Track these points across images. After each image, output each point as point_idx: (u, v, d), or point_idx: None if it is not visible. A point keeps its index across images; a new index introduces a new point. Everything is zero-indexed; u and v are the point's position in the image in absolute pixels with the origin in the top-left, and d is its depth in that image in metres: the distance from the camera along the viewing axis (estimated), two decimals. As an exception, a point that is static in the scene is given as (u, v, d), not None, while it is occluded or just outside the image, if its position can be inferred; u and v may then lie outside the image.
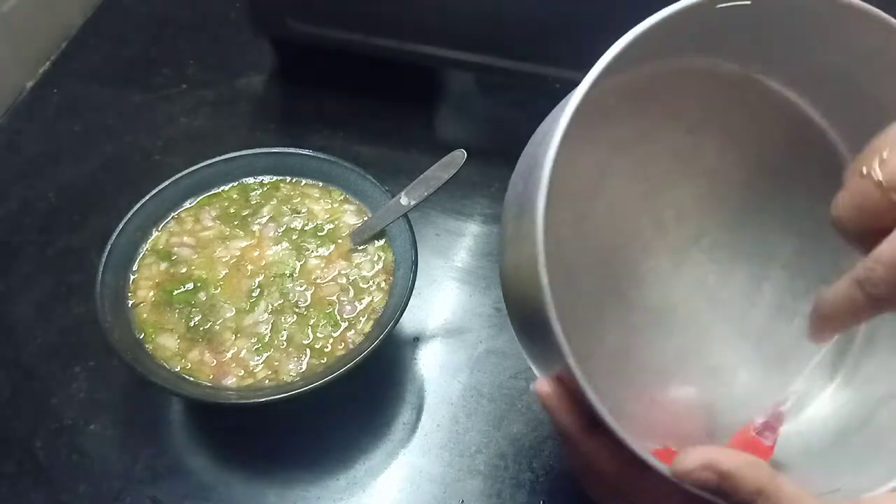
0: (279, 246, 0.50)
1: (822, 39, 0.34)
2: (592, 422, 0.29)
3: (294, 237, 0.51)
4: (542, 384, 0.30)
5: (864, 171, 0.27)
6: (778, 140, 0.39)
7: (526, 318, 0.31)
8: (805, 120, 0.39)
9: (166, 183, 0.50)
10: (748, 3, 0.31)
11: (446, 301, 0.55)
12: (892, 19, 0.32)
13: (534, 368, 0.33)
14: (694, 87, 0.38)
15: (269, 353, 0.45)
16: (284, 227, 0.51)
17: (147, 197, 0.49)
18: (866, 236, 0.28)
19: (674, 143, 0.40)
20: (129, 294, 0.47)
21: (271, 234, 0.51)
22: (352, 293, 0.48)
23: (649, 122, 0.39)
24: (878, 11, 0.32)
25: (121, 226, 0.48)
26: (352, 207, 0.52)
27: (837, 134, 0.39)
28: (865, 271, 0.27)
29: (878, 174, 0.27)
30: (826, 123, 0.39)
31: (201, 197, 0.52)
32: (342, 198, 0.53)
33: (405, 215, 0.48)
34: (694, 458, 0.27)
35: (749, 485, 0.27)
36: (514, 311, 0.34)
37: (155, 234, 0.50)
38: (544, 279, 0.27)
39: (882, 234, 0.27)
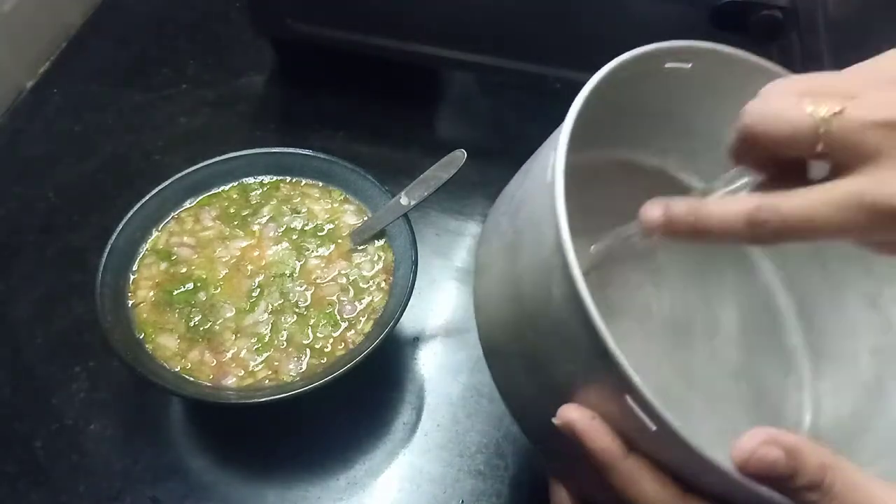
0: (279, 246, 0.50)
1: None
2: (626, 442, 0.28)
3: (294, 237, 0.51)
4: (570, 410, 0.28)
5: (810, 108, 0.26)
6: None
7: (535, 345, 0.30)
8: None
9: (166, 183, 0.50)
10: (689, 66, 0.34)
11: (446, 301, 0.55)
12: None
13: (523, 404, 0.33)
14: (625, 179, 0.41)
15: (269, 353, 0.45)
16: (284, 227, 0.51)
17: (147, 197, 0.49)
18: (759, 154, 0.28)
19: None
20: (129, 294, 0.47)
21: (271, 234, 0.51)
22: (352, 293, 0.48)
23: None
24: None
25: (121, 226, 0.48)
26: (352, 207, 0.52)
27: None
28: (763, 213, 0.27)
29: (829, 123, 0.26)
30: None
31: (201, 197, 0.52)
32: (342, 198, 0.53)
33: (405, 215, 0.48)
34: (754, 437, 0.25)
35: (815, 459, 0.25)
36: (510, 344, 0.33)
37: (155, 234, 0.50)
38: (574, 267, 0.26)
39: (778, 163, 0.27)
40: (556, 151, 0.29)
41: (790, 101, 0.27)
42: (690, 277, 0.43)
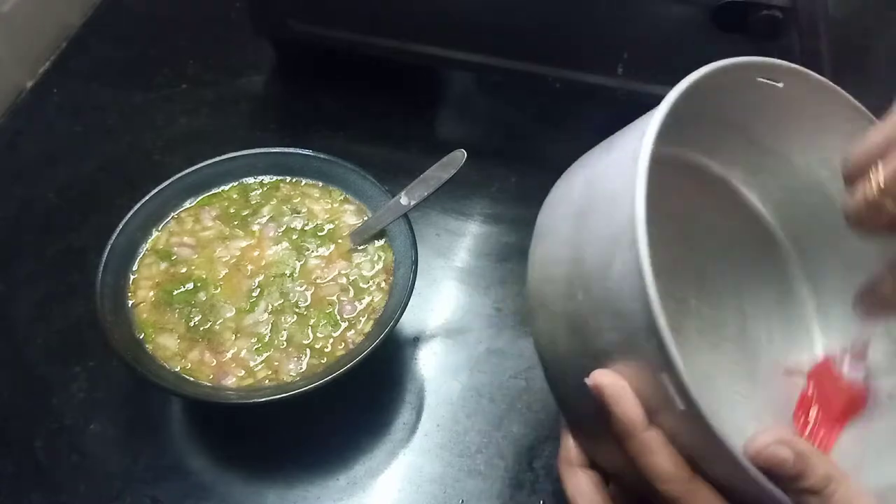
0: (279, 246, 0.50)
1: (809, 144, 0.39)
2: (650, 414, 0.29)
3: (294, 237, 0.51)
4: (604, 374, 0.29)
5: (867, 192, 0.29)
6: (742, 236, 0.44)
7: (587, 309, 0.31)
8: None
9: (166, 183, 0.50)
10: (780, 84, 0.36)
11: (446, 301, 0.55)
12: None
13: (559, 359, 0.33)
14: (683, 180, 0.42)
15: (269, 353, 0.45)
16: (284, 227, 0.51)
17: (147, 197, 0.49)
18: (875, 229, 0.30)
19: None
20: (129, 294, 0.47)
21: (271, 234, 0.51)
22: (352, 293, 0.48)
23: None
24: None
25: (121, 226, 0.48)
26: (352, 207, 0.52)
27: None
28: None
29: (875, 195, 0.29)
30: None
31: (201, 197, 0.52)
32: (342, 198, 0.53)
33: (405, 215, 0.48)
34: (770, 434, 0.27)
35: (822, 469, 0.27)
36: (560, 304, 0.33)
37: (155, 234, 0.50)
38: (642, 241, 0.28)
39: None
40: (644, 135, 0.30)
41: (863, 181, 0.30)
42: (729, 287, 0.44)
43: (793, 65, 0.36)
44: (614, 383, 0.29)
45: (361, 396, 0.50)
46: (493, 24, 0.59)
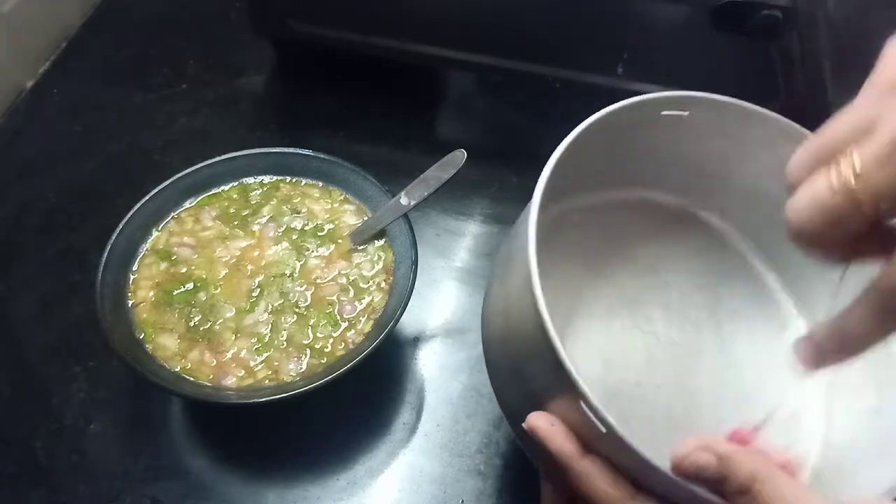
0: (279, 246, 0.50)
1: (743, 159, 0.40)
2: (585, 446, 0.31)
3: (294, 237, 0.51)
4: (536, 416, 0.32)
5: (834, 181, 0.24)
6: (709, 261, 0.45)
7: (517, 358, 0.34)
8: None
9: (166, 183, 0.50)
10: (686, 113, 0.37)
11: (446, 301, 0.55)
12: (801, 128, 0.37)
13: (512, 410, 0.36)
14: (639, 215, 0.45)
15: (269, 353, 0.45)
16: (284, 227, 0.51)
17: (147, 197, 0.49)
18: (830, 244, 0.25)
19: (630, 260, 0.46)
20: (129, 294, 0.47)
21: (271, 234, 0.51)
22: (352, 293, 0.48)
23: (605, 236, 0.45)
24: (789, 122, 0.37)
25: (121, 226, 0.48)
26: (352, 207, 0.52)
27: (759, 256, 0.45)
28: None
29: (852, 182, 0.23)
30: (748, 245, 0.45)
31: (201, 197, 0.52)
32: (342, 198, 0.53)
33: (405, 215, 0.48)
34: (691, 442, 0.28)
35: (746, 468, 0.27)
36: (501, 356, 0.37)
37: (155, 234, 0.50)
38: (541, 303, 0.30)
39: (851, 239, 0.24)
40: (530, 205, 0.33)
41: (819, 182, 0.24)
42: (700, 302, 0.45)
43: (687, 92, 0.37)
44: (545, 421, 0.31)
45: (361, 396, 0.50)
46: (493, 24, 0.59)
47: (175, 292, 0.48)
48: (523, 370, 0.34)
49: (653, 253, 0.45)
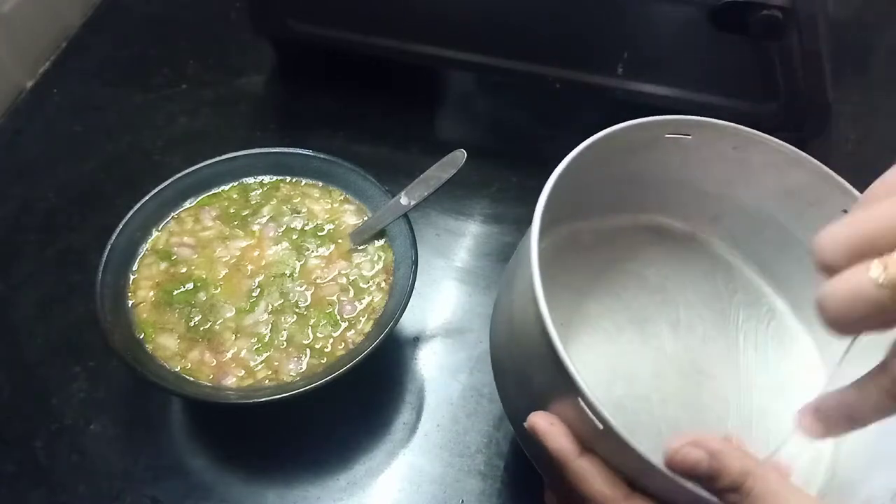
0: (279, 246, 0.50)
1: (748, 183, 0.41)
2: (583, 445, 0.31)
3: (294, 237, 0.51)
4: (536, 416, 0.32)
5: (882, 278, 0.23)
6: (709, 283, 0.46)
7: (520, 358, 0.35)
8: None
9: (166, 183, 0.50)
10: (689, 137, 0.38)
11: (446, 301, 0.55)
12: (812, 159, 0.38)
13: (515, 412, 0.36)
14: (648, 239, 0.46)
15: (269, 353, 0.45)
16: (284, 227, 0.51)
17: (147, 197, 0.49)
18: (863, 329, 0.24)
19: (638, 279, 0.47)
20: (129, 294, 0.47)
21: (271, 234, 0.51)
22: (352, 293, 0.48)
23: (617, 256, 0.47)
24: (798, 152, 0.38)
25: (121, 226, 0.48)
26: (352, 207, 0.52)
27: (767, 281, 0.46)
28: None
29: (882, 278, 0.23)
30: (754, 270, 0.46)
31: (201, 197, 0.52)
32: (342, 198, 0.53)
33: (405, 215, 0.48)
34: (683, 439, 0.28)
35: (737, 465, 0.27)
36: (506, 359, 0.38)
37: (155, 234, 0.50)
38: (545, 312, 0.31)
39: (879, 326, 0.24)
40: (531, 226, 0.33)
41: (863, 277, 0.23)
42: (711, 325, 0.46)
43: (687, 117, 0.38)
44: (544, 420, 0.32)
45: (361, 396, 0.50)
46: (493, 24, 0.59)
47: (175, 292, 0.48)
48: (525, 371, 0.34)
49: (661, 273, 0.46)
